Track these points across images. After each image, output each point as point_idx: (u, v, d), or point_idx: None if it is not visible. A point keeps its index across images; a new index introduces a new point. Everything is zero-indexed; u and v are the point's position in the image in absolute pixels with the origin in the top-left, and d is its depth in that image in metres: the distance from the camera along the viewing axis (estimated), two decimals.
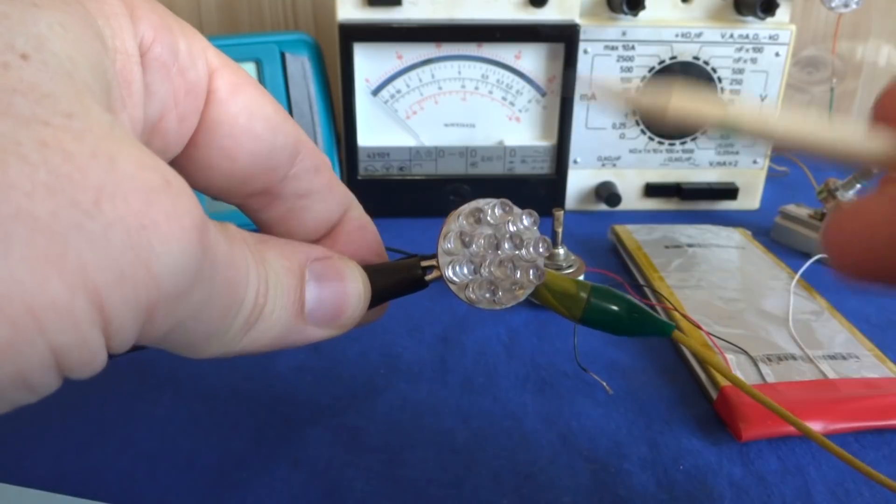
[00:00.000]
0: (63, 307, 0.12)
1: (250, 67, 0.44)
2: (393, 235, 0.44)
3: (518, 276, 0.21)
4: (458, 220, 0.21)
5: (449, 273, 0.21)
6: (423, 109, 0.47)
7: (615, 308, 0.22)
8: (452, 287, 0.21)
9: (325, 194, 0.22)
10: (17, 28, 0.13)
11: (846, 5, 0.49)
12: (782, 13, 0.46)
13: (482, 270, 0.21)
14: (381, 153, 0.47)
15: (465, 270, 0.21)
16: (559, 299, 0.22)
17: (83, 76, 0.13)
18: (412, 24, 0.44)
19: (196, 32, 0.19)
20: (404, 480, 0.25)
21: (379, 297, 0.21)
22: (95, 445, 0.27)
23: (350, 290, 0.20)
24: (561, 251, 0.36)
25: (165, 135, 0.18)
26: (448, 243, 0.21)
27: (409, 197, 0.48)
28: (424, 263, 0.22)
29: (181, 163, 0.19)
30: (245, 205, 0.22)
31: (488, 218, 0.21)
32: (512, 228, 0.21)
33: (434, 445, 0.27)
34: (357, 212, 0.24)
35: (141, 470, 0.25)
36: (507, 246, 0.21)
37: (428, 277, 0.22)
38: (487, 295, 0.21)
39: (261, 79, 0.44)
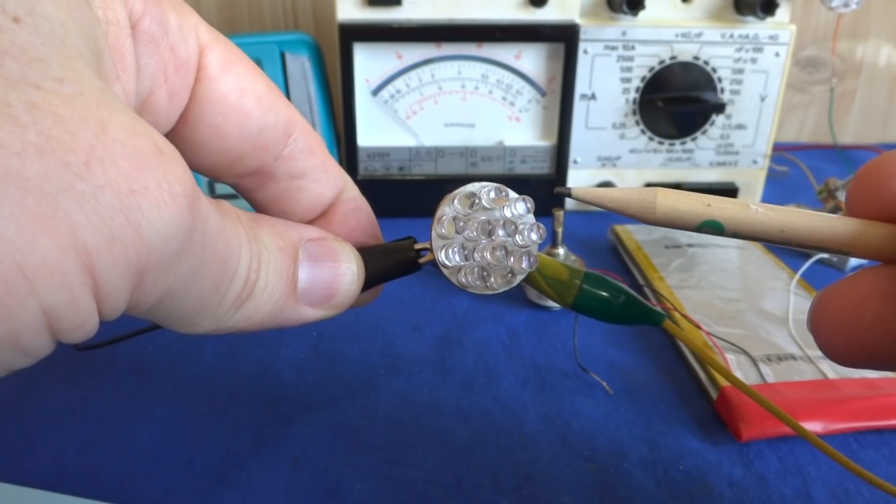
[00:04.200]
0: (54, 267, 0.12)
1: None
2: (393, 235, 0.44)
3: (511, 262, 0.21)
4: (453, 204, 0.21)
5: (441, 257, 0.21)
6: (423, 109, 0.47)
7: (606, 295, 0.22)
8: (445, 271, 0.21)
9: (320, 175, 0.22)
10: None
11: (846, 5, 0.49)
12: (782, 13, 0.46)
13: (475, 255, 0.21)
14: (381, 153, 0.47)
15: (458, 256, 0.21)
16: (551, 285, 0.22)
17: (75, 42, 0.13)
18: (412, 24, 0.44)
19: (187, 7, 0.18)
20: (404, 480, 0.25)
21: (372, 278, 0.21)
22: (95, 445, 0.27)
23: (343, 270, 0.20)
24: (561, 251, 0.36)
25: (155, 110, 0.18)
26: (441, 228, 0.21)
27: (409, 197, 0.48)
28: (418, 246, 0.22)
29: (172, 140, 0.19)
30: (239, 184, 0.22)
31: (483, 202, 0.21)
32: (507, 214, 0.21)
33: (434, 445, 0.27)
34: (352, 192, 0.24)
35: (141, 470, 0.25)
36: (500, 232, 0.21)
37: (421, 260, 0.22)
38: (479, 281, 0.21)
39: None
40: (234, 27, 0.60)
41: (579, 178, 0.49)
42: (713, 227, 0.17)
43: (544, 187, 0.48)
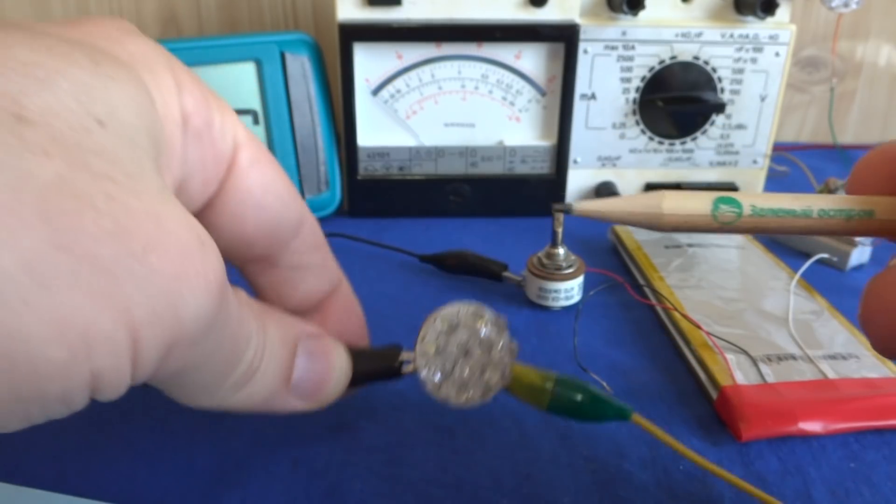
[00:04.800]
0: (109, 337, 0.14)
1: (250, 67, 0.44)
2: (393, 235, 0.44)
3: (487, 377, 0.23)
4: (434, 324, 0.23)
5: (423, 374, 0.23)
6: (423, 109, 0.47)
7: (578, 398, 0.24)
8: (426, 386, 0.23)
9: (318, 271, 0.25)
10: (98, 98, 0.15)
11: (846, 5, 0.49)
12: (782, 13, 0.46)
13: (455, 372, 0.23)
14: (381, 153, 0.47)
15: (439, 374, 0.23)
16: (527, 392, 0.24)
17: (142, 142, 0.16)
18: (412, 24, 0.44)
19: (229, 108, 0.21)
20: (404, 480, 0.25)
21: (357, 379, 0.24)
22: (95, 445, 0.27)
23: (334, 370, 0.23)
24: (561, 251, 0.36)
25: (190, 194, 0.20)
26: (425, 347, 0.23)
27: (409, 197, 0.48)
28: (403, 357, 0.24)
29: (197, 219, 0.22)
30: (244, 268, 0.24)
31: (462, 322, 0.23)
32: (483, 333, 0.23)
33: (434, 445, 0.27)
34: (345, 292, 0.26)
35: (141, 470, 0.25)
36: (477, 352, 0.23)
37: (404, 370, 0.24)
38: (457, 396, 0.23)
39: (261, 79, 0.44)
40: (234, 27, 0.60)
41: (579, 178, 0.49)
42: (731, 206, 0.16)
43: (544, 187, 0.48)
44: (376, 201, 0.48)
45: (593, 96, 0.47)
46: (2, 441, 0.27)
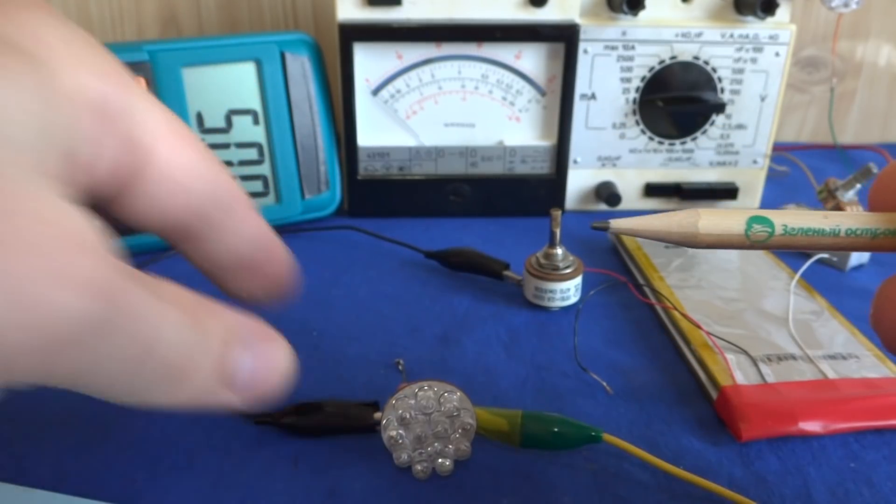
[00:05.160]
0: None
1: (250, 67, 0.44)
2: (393, 235, 0.44)
3: (450, 448, 0.25)
4: (398, 404, 0.25)
5: (397, 458, 0.25)
6: (423, 109, 0.47)
7: (547, 429, 0.25)
8: (400, 465, 0.26)
9: (241, 231, 0.23)
10: None
11: (846, 5, 0.49)
12: (782, 13, 0.46)
13: (422, 456, 0.25)
14: (381, 153, 0.47)
15: (409, 452, 0.25)
16: (498, 436, 0.26)
17: (28, 137, 0.15)
18: (412, 24, 0.44)
19: (150, 97, 0.20)
20: (404, 481, 0.25)
21: (335, 427, 0.27)
22: (95, 445, 0.27)
23: (278, 367, 0.21)
24: (559, 251, 0.36)
25: (99, 177, 0.19)
26: (391, 429, 0.25)
27: (409, 197, 0.48)
28: (376, 415, 0.26)
29: (107, 202, 0.20)
30: (168, 238, 0.23)
31: (421, 401, 0.25)
32: (441, 408, 0.25)
33: None
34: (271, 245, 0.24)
35: (141, 470, 0.25)
36: (434, 440, 0.25)
37: (377, 428, 0.26)
38: (427, 473, 0.25)
39: (261, 78, 0.44)
40: (234, 27, 0.60)
41: (579, 178, 0.49)
42: (763, 225, 0.17)
43: (544, 187, 0.48)
44: (376, 201, 0.48)
45: (593, 96, 0.47)
46: (2, 441, 0.27)
